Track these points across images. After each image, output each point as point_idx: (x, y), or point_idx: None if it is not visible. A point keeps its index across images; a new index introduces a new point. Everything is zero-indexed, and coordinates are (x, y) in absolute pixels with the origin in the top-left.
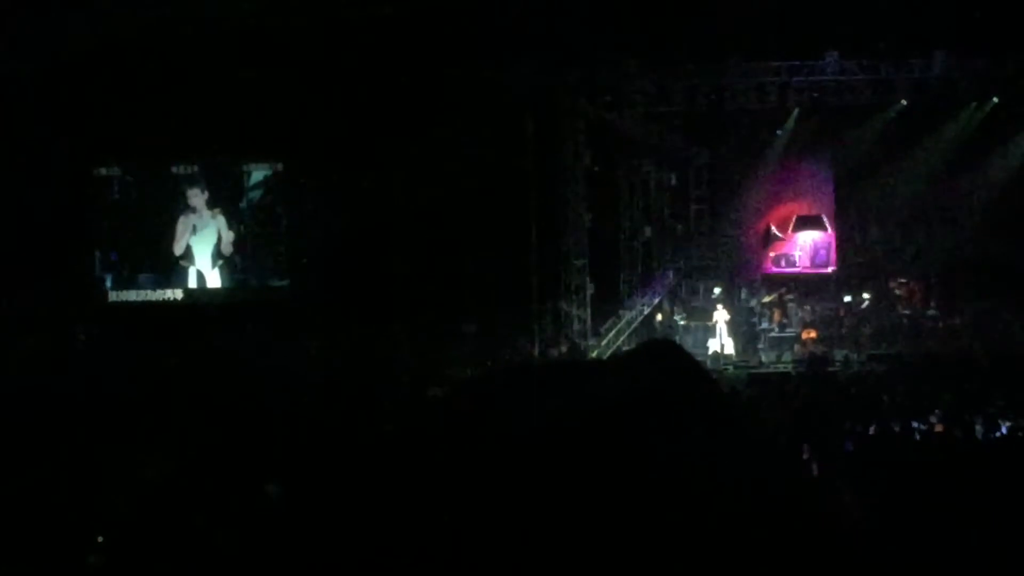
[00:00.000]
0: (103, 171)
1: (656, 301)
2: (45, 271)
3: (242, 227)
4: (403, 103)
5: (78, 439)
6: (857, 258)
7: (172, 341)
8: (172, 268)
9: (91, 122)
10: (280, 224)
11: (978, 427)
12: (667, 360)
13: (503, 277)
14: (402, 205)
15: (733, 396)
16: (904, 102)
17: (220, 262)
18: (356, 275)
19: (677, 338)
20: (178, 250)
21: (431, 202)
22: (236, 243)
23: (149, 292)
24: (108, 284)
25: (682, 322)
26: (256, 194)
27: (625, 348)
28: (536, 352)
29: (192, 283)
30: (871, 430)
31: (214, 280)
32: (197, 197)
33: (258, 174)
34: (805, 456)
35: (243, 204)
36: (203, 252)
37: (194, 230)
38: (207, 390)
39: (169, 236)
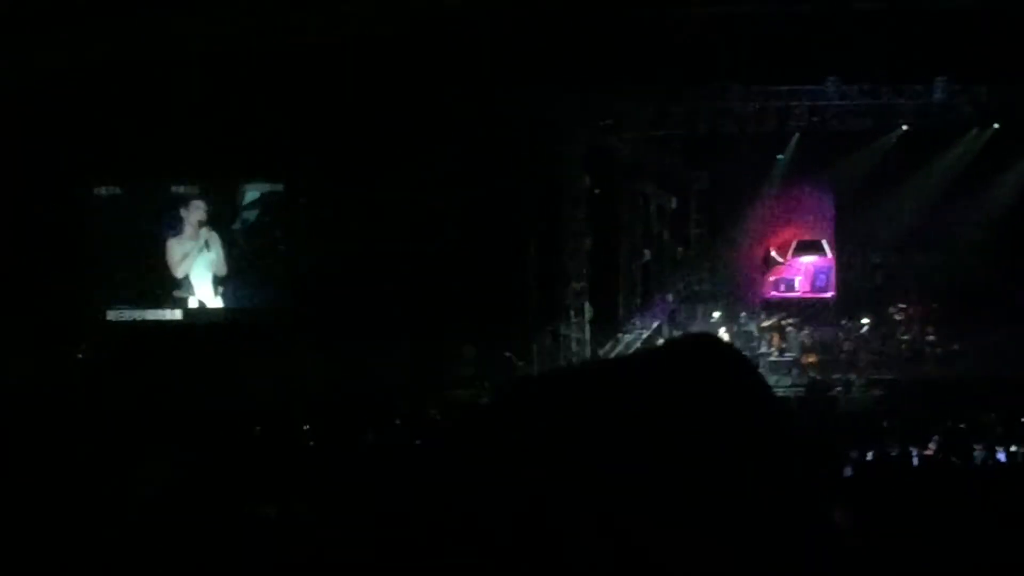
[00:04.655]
0: (103, 190)
1: (655, 325)
2: (42, 289)
3: (241, 246)
4: (403, 124)
5: (75, 457)
6: (857, 283)
7: (171, 359)
8: (170, 296)
9: (90, 141)
10: (278, 244)
11: (976, 453)
12: (712, 353)
13: (502, 299)
14: (400, 226)
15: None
16: (905, 127)
17: (221, 289)
18: (354, 296)
19: None
20: (179, 274)
21: (430, 223)
22: (234, 263)
23: (147, 312)
24: (103, 305)
25: None
26: (254, 214)
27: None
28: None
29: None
30: (869, 456)
31: (216, 305)
32: (193, 217)
33: (256, 194)
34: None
35: (241, 225)
36: (202, 277)
37: (189, 254)
38: (205, 409)
39: (164, 260)
